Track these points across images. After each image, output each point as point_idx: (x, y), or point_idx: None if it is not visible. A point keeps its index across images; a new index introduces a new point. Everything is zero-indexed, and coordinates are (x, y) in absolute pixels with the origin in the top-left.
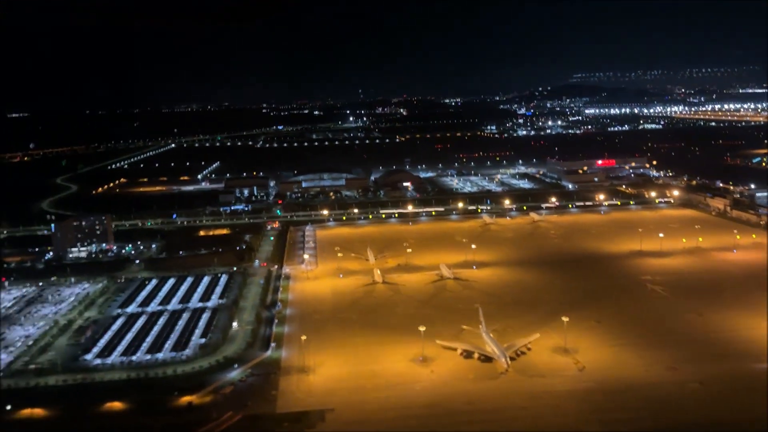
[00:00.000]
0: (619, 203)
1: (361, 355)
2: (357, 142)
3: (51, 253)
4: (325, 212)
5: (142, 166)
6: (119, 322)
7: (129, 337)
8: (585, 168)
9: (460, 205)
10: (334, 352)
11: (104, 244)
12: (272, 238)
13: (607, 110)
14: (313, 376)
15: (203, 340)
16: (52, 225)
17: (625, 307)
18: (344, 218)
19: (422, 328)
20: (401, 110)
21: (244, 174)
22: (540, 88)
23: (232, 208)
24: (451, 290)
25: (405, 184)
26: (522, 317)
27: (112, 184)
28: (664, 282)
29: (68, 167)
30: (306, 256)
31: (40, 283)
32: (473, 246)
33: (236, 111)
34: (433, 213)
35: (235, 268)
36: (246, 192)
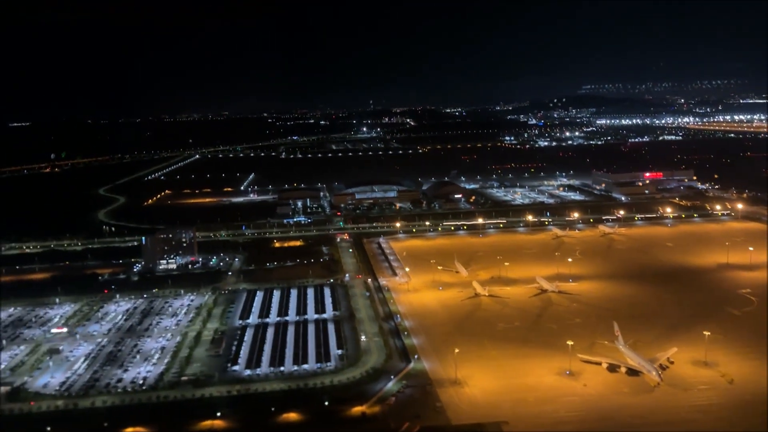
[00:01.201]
0: (683, 216)
1: (505, 369)
2: (380, 153)
3: (140, 265)
4: (390, 224)
5: (178, 177)
6: (250, 333)
7: (268, 348)
8: (641, 182)
9: (530, 218)
10: (476, 364)
11: (188, 256)
12: (351, 250)
13: (617, 121)
14: (468, 389)
15: (340, 351)
16: (143, 238)
17: (741, 321)
18: (414, 230)
19: (570, 343)
20: (408, 120)
21: (286, 186)
22: (542, 99)
23: (295, 219)
24: (559, 303)
25: (456, 196)
26: (646, 331)
27: (159, 196)
28: (763, 295)
29: (107, 179)
30: (396, 269)
31: (145, 295)
32: (569, 259)
33: (240, 120)
34: (501, 225)
35: (332, 280)
36: (299, 204)
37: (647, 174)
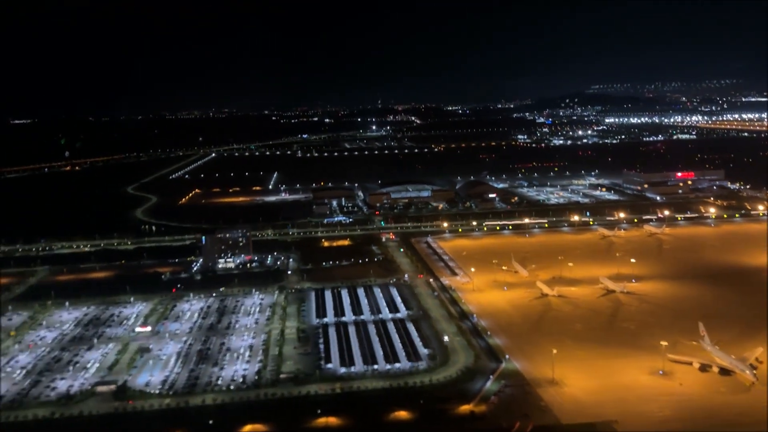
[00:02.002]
0: (725, 216)
1: (597, 368)
2: (396, 151)
3: (198, 264)
4: (432, 224)
5: (202, 176)
6: (332, 331)
7: (355, 346)
8: (681, 183)
9: (575, 218)
10: (566, 364)
11: (243, 255)
12: (401, 250)
13: (625, 119)
14: (567, 388)
15: (428, 351)
16: (202, 237)
17: None
18: (460, 230)
19: (664, 343)
20: (412, 118)
21: (313, 184)
22: (546, 97)
23: (336, 219)
24: (629, 304)
25: (491, 195)
26: (721, 331)
27: (190, 195)
28: None
29: (130, 177)
30: (454, 268)
31: (213, 294)
32: (633, 260)
33: (242, 118)
34: (546, 225)
35: (394, 279)
36: (334, 203)
37: (678, 174)
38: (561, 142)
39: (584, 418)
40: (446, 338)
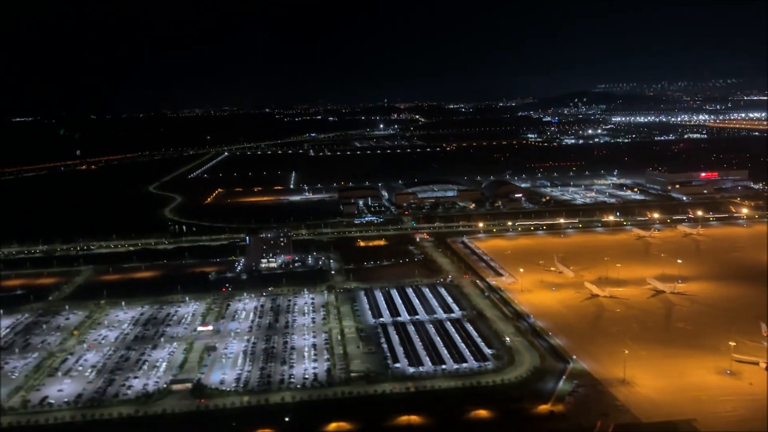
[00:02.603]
0: (756, 216)
1: (663, 368)
2: (409, 150)
3: (241, 264)
4: (463, 223)
5: (220, 175)
6: (392, 331)
7: (419, 346)
8: (706, 183)
9: (610, 218)
10: (632, 364)
11: (284, 255)
12: (440, 250)
13: (631, 118)
14: (639, 388)
15: (491, 351)
16: (247, 238)
17: None
18: (494, 230)
19: (732, 343)
20: (417, 116)
21: (334, 184)
22: (548, 96)
23: (366, 219)
24: (681, 304)
25: (516, 195)
26: None
27: (214, 194)
28: None
29: (148, 176)
30: (497, 268)
31: (264, 293)
32: (679, 261)
33: (244, 116)
34: (580, 225)
35: (441, 279)
36: (361, 203)
37: (702, 174)
38: (572, 141)
39: (661, 417)
40: (507, 339)
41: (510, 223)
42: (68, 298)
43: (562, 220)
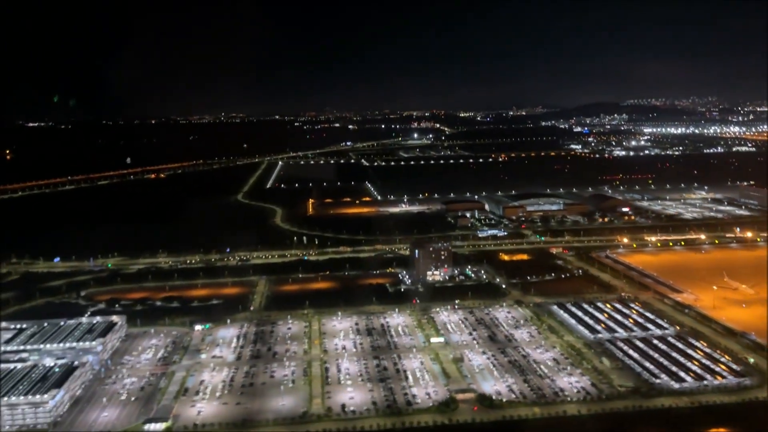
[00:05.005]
0: None
1: None
2: (461, 160)
3: (407, 276)
4: (593, 238)
5: (296, 185)
6: (623, 346)
7: (664, 361)
8: None
9: (749, 234)
10: None
11: (442, 268)
12: (595, 265)
13: (661, 129)
14: None
15: (738, 368)
16: (415, 251)
17: None
18: (635, 245)
19: None
20: (437, 125)
21: (420, 195)
22: (561, 106)
23: (489, 232)
24: None
25: (624, 209)
26: None
27: (311, 204)
28: None
29: (225, 186)
30: (668, 284)
31: (456, 306)
32: None
33: (260, 124)
34: (716, 241)
35: (626, 295)
36: (468, 215)
37: None
38: (623, 153)
39: None
40: (749, 357)
41: (654, 239)
42: (266, 308)
43: (702, 236)
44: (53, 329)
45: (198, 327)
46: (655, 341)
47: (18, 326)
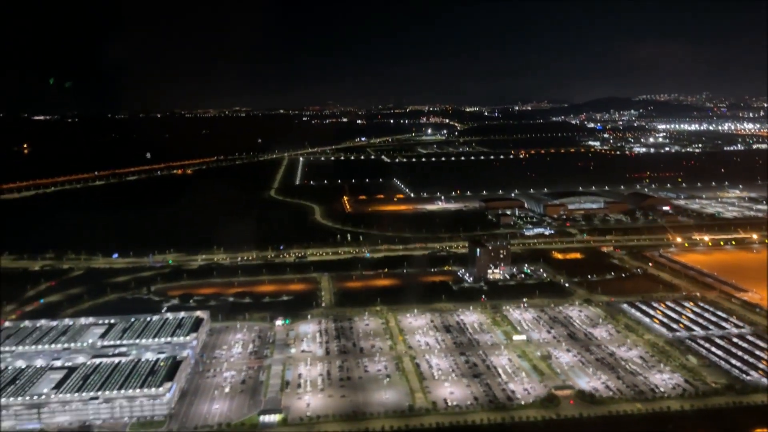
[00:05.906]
0: None
1: None
2: (482, 157)
3: (469, 274)
4: (640, 237)
5: (325, 182)
6: (704, 344)
7: (750, 359)
8: None
9: None
10: None
11: (500, 266)
12: (650, 264)
13: (674, 126)
14: None
15: None
16: (476, 250)
17: None
18: (686, 245)
19: None
20: (447, 120)
21: (453, 192)
22: (571, 101)
23: (534, 230)
24: None
25: (665, 208)
26: None
27: (346, 201)
28: None
29: (255, 182)
30: (732, 284)
31: (524, 305)
32: None
33: (267, 117)
34: (766, 240)
35: (698, 294)
36: (508, 212)
37: None
38: (643, 150)
39: None
40: None
41: (707, 238)
42: (338, 304)
43: (754, 235)
44: (142, 325)
45: (278, 322)
46: (735, 339)
47: (108, 321)
